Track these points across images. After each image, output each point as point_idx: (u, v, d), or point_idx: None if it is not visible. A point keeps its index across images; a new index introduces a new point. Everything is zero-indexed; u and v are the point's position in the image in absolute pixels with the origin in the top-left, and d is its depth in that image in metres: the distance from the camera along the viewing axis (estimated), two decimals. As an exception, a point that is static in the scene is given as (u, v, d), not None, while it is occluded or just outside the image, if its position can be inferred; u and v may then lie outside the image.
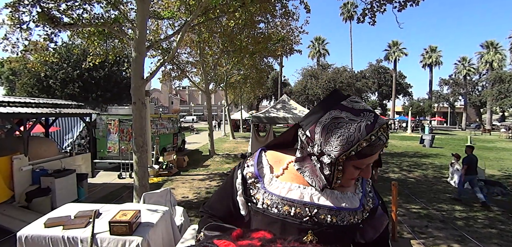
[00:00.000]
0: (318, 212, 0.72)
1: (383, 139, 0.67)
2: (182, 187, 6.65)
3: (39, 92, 18.29)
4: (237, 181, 0.81)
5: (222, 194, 0.87)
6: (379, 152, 0.70)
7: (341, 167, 0.67)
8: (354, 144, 0.64)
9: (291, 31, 11.47)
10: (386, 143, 0.69)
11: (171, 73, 12.30)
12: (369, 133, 0.64)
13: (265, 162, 0.81)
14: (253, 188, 0.78)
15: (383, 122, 0.66)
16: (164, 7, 7.53)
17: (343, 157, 0.66)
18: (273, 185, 0.76)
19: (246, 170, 0.81)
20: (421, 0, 4.66)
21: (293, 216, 0.72)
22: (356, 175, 0.71)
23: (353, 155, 0.65)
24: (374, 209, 0.81)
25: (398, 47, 38.61)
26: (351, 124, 0.65)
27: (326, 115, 0.68)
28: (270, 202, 0.74)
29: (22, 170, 4.40)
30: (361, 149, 0.65)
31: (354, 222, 0.75)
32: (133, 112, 4.71)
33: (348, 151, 0.64)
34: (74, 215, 2.65)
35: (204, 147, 14.36)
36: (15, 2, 4.59)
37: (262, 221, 0.75)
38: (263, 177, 0.78)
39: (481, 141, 19.70)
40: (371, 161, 0.70)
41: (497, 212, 5.08)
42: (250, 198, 0.78)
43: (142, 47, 4.70)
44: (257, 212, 0.76)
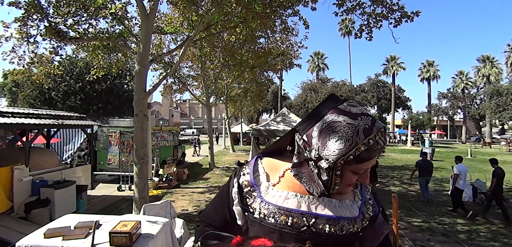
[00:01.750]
0: (316, 221, 0.70)
1: (381, 143, 0.66)
2: (182, 200, 6.60)
3: (41, 104, 18.43)
4: (233, 190, 0.79)
5: (218, 204, 0.84)
6: (377, 157, 0.69)
7: (339, 172, 0.66)
8: (352, 148, 0.63)
9: (290, 46, 11.74)
10: (384, 148, 0.69)
11: (172, 86, 12.48)
12: (367, 137, 0.63)
13: (261, 170, 0.79)
14: (249, 197, 0.76)
15: (381, 126, 0.65)
16: (167, 23, 7.76)
17: (341, 162, 0.64)
18: (269, 194, 0.74)
19: (242, 178, 0.79)
20: (415, 16, 4.83)
21: (291, 227, 0.70)
22: (354, 180, 0.69)
23: (352, 159, 0.64)
24: (374, 217, 0.78)
25: (396, 62, 39.24)
26: (349, 128, 0.64)
27: (323, 119, 0.67)
28: (267, 212, 0.72)
29: (22, 181, 4.39)
30: (359, 153, 0.63)
31: (353, 231, 0.72)
32: (135, 124, 4.76)
33: (346, 155, 0.63)
34: (74, 225, 2.64)
35: (204, 160, 14.31)
36: (24, 16, 4.75)
37: (259, 231, 0.73)
38: (260, 185, 0.76)
39: (482, 154, 19.64)
40: (369, 166, 0.68)
41: (500, 225, 5.03)
42: (247, 208, 0.75)
43: (145, 61, 4.82)
44: (254, 222, 0.74)
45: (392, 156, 17.34)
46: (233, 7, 5.90)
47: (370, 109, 40.27)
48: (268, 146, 0.88)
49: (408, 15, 4.92)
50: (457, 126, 43.10)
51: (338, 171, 0.65)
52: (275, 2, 5.81)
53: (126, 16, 5.61)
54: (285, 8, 5.86)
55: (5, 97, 27.09)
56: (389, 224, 0.91)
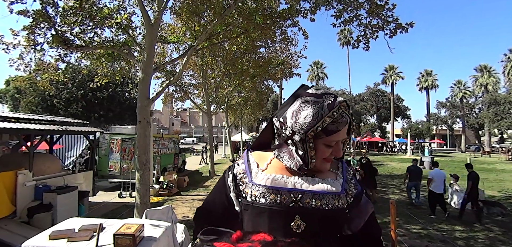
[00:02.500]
0: (302, 197, 0.77)
1: (346, 117, 0.76)
2: (182, 207, 6.62)
3: (42, 111, 18.54)
4: (229, 180, 0.86)
5: (216, 194, 0.90)
6: (345, 130, 0.78)
7: (312, 144, 0.75)
8: (319, 120, 0.73)
9: (290, 55, 11.95)
10: (351, 122, 0.79)
11: (174, 94, 12.63)
12: (330, 110, 0.74)
13: (252, 159, 0.88)
14: (242, 184, 0.83)
15: (342, 100, 0.77)
16: (171, 32, 7.97)
17: (311, 133, 0.74)
18: (259, 177, 0.82)
19: (236, 168, 0.87)
20: (410, 28, 5.01)
21: (279, 204, 0.77)
22: (328, 154, 0.78)
23: (320, 131, 0.74)
24: (358, 195, 0.84)
25: (394, 71, 39.66)
26: (315, 105, 0.75)
27: (294, 102, 0.79)
28: (257, 194, 0.79)
29: (26, 186, 4.45)
30: (326, 125, 0.74)
31: (339, 206, 0.78)
32: (138, 131, 4.86)
33: (314, 126, 0.74)
34: (78, 228, 2.70)
35: (204, 168, 14.33)
36: (32, 25, 4.91)
37: (251, 213, 0.79)
38: (251, 172, 0.84)
39: (481, 163, 19.65)
40: (339, 138, 0.77)
41: (498, 232, 5.06)
42: (240, 193, 0.83)
43: (149, 69, 4.96)
44: (247, 205, 0.80)
45: (392, 164, 17.34)
46: (234, 18, 6.09)
47: (369, 118, 40.50)
48: (255, 140, 0.96)
49: (402, 26, 5.09)
50: (456, 135, 43.20)
51: (311, 143, 0.75)
52: (275, 14, 6.01)
53: (130, 25, 5.78)
54: (285, 19, 6.04)
55: (7, 103, 27.26)
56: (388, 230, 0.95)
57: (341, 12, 5.28)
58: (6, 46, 5.31)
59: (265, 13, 5.90)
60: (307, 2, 5.49)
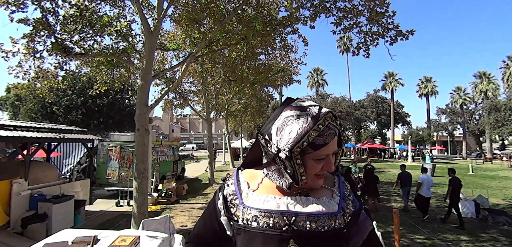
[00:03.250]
0: (296, 220, 0.72)
1: (334, 129, 0.71)
2: (181, 216, 6.50)
3: (42, 118, 18.52)
4: (219, 203, 0.82)
5: (206, 219, 0.86)
6: (335, 143, 0.72)
7: (300, 161, 0.70)
8: (304, 135, 0.68)
9: (290, 62, 11.98)
10: (340, 133, 0.74)
11: (173, 101, 12.61)
12: (315, 123, 0.69)
13: (242, 179, 0.84)
14: (232, 206, 0.79)
15: (327, 111, 0.72)
16: (170, 40, 7.98)
17: (297, 149, 0.69)
18: (249, 199, 0.78)
19: (226, 190, 0.82)
20: (410, 35, 5.00)
21: (272, 228, 0.72)
22: (319, 169, 0.73)
23: (307, 147, 0.69)
24: (356, 213, 0.78)
25: (394, 78, 39.81)
26: (300, 118, 0.70)
27: (279, 117, 0.74)
28: (249, 217, 0.75)
29: (21, 195, 4.36)
30: (312, 139, 0.69)
31: (336, 227, 0.73)
32: (136, 138, 4.79)
33: (299, 142, 0.68)
34: (72, 240, 2.61)
35: (203, 175, 14.20)
36: (32, 33, 4.90)
37: (244, 237, 0.75)
38: (241, 193, 0.80)
39: (483, 170, 19.49)
40: (328, 151, 0.72)
41: (505, 242, 4.94)
42: (232, 216, 0.78)
43: (148, 76, 4.93)
44: (239, 229, 0.76)
45: (393, 171, 17.20)
46: (234, 25, 6.10)
47: (369, 124, 40.43)
48: (245, 158, 0.92)
49: (403, 34, 5.08)
50: (457, 141, 43.06)
51: (298, 160, 0.70)
52: (275, 21, 6.02)
53: (130, 33, 5.78)
54: (284, 26, 6.05)
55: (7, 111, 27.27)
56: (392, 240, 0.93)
57: (341, 19, 5.28)
58: (5, 53, 5.30)
59: (265, 20, 5.91)
60: (307, 10, 5.50)
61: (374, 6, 4.96)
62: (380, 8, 4.95)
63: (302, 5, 5.47)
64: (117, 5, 5.94)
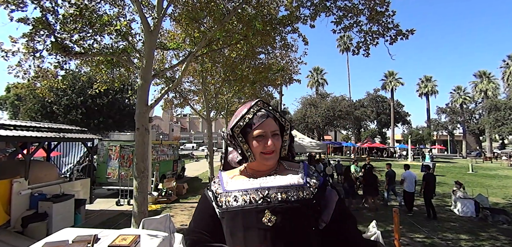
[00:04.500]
0: (268, 193, 0.85)
1: (265, 111, 0.89)
2: (181, 215, 6.51)
3: (42, 118, 18.50)
4: (209, 194, 0.95)
5: (201, 210, 0.98)
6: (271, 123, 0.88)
7: (241, 138, 0.89)
8: (240, 118, 0.89)
9: (290, 61, 11.96)
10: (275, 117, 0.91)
11: (173, 100, 12.60)
12: (249, 108, 0.89)
13: (224, 175, 0.99)
14: (218, 195, 0.92)
15: (259, 99, 0.93)
16: (170, 39, 7.97)
17: (236, 130, 0.89)
18: (229, 185, 0.93)
19: (213, 186, 0.96)
20: (410, 34, 4.99)
21: (249, 203, 0.84)
22: (261, 147, 0.87)
23: (246, 126, 0.88)
24: (322, 185, 0.90)
25: (394, 77, 39.78)
26: (240, 109, 0.92)
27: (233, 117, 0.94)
28: (230, 199, 0.88)
29: (21, 194, 4.36)
30: (248, 121, 0.88)
31: (304, 197, 0.84)
32: (136, 138, 4.78)
33: (237, 123, 0.89)
34: (72, 239, 2.61)
35: (203, 174, 14.21)
36: (32, 32, 4.89)
37: (228, 218, 0.87)
38: (223, 183, 0.95)
39: (483, 169, 19.51)
40: (264, 129, 0.87)
41: (504, 241, 4.95)
42: (218, 204, 0.91)
43: (148, 76, 4.92)
44: (224, 212, 0.88)
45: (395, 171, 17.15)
46: (234, 25, 6.09)
47: (369, 123, 40.43)
48: (224, 161, 1.08)
49: (403, 33, 5.07)
50: (457, 140, 43.07)
51: (240, 138, 0.90)
52: (275, 20, 6.01)
53: (130, 32, 5.77)
54: (284, 26, 6.04)
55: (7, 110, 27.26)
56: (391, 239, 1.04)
57: (341, 18, 5.27)
58: (5, 53, 5.29)
59: (265, 19, 5.90)
60: (307, 9, 5.50)
61: (374, 5, 4.95)
62: (380, 7, 4.94)
63: (302, 4, 5.46)
64: (117, 4, 5.93)
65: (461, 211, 6.75)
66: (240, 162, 0.92)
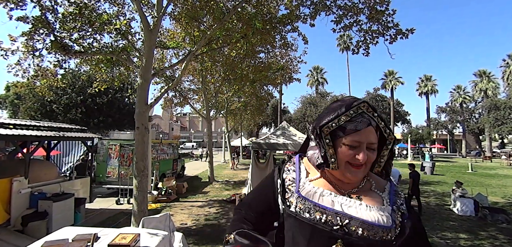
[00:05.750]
0: (349, 223, 0.72)
1: (367, 118, 0.75)
2: (181, 214, 6.52)
3: (42, 116, 18.49)
4: (278, 182, 0.85)
5: (261, 193, 0.90)
6: (370, 133, 0.74)
7: (329, 141, 0.76)
8: (335, 117, 0.75)
9: (290, 60, 11.96)
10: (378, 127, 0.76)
11: (173, 99, 12.59)
12: (347, 109, 0.75)
13: (303, 167, 0.87)
14: (288, 191, 0.82)
15: (362, 100, 0.77)
16: (170, 38, 7.96)
17: (327, 129, 0.76)
18: (305, 188, 0.80)
19: (286, 174, 0.85)
20: (410, 34, 4.99)
21: (324, 223, 0.73)
22: (350, 156, 0.74)
23: (338, 130, 0.75)
24: (404, 225, 0.76)
25: (394, 76, 39.75)
26: (337, 105, 0.78)
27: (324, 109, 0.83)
28: (302, 206, 0.77)
29: (21, 193, 4.37)
30: (343, 123, 0.75)
31: (387, 239, 0.72)
32: (136, 137, 4.79)
33: (329, 123, 0.75)
34: (72, 238, 2.62)
35: (203, 173, 14.22)
36: (31, 31, 4.88)
37: (294, 224, 0.78)
38: (299, 180, 0.83)
39: (483, 168, 19.54)
40: (360, 138, 0.74)
41: (503, 240, 4.96)
42: (285, 200, 0.81)
43: (147, 75, 4.92)
44: (290, 215, 0.79)
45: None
46: (234, 23, 6.08)
47: (369, 123, 40.25)
48: (301, 149, 0.95)
49: (403, 33, 5.07)
50: (457, 140, 43.08)
51: (327, 140, 0.76)
52: (275, 19, 6.00)
53: (130, 31, 5.77)
54: (284, 25, 6.04)
55: (7, 109, 27.25)
56: None
57: (341, 17, 5.27)
58: (4, 52, 5.28)
59: (265, 18, 5.89)
60: (307, 8, 5.49)
61: (374, 4, 4.95)
62: (380, 6, 4.94)
63: (302, 3, 5.46)
64: (117, 3, 5.92)
65: (460, 210, 6.76)
66: (319, 165, 0.79)
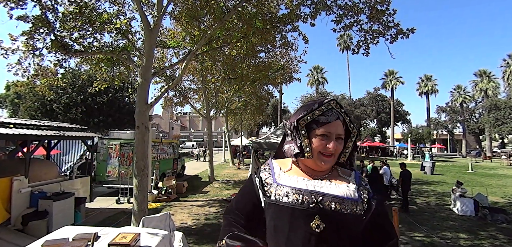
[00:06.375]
0: (323, 199, 0.82)
1: (336, 112, 0.87)
2: (181, 213, 6.52)
3: (42, 116, 18.49)
4: (256, 180, 0.95)
5: (244, 192, 0.99)
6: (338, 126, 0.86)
7: (305, 132, 0.87)
8: (309, 112, 0.87)
9: (290, 60, 11.96)
10: (345, 121, 0.89)
11: (173, 99, 12.59)
12: (320, 105, 0.87)
13: (275, 164, 0.98)
14: (266, 185, 0.91)
15: (332, 98, 0.90)
16: (170, 37, 7.96)
17: (302, 122, 0.87)
18: (282, 178, 0.91)
19: (262, 173, 0.95)
20: (411, 33, 4.98)
21: (301, 204, 0.82)
22: (322, 146, 0.85)
23: (312, 123, 0.86)
24: (371, 199, 0.89)
25: (394, 76, 39.73)
26: (312, 103, 0.90)
27: (300, 107, 0.94)
28: (281, 193, 0.86)
29: (21, 192, 4.37)
30: (316, 117, 0.86)
31: (357, 212, 0.83)
32: (136, 136, 4.79)
33: (304, 116, 0.87)
34: (72, 237, 2.62)
35: (203, 173, 14.23)
36: (32, 30, 4.88)
37: (274, 211, 0.86)
38: (274, 174, 0.94)
39: (483, 168, 19.54)
40: (330, 129, 0.85)
41: (503, 240, 4.96)
42: (265, 193, 0.90)
43: (148, 74, 4.92)
44: (270, 204, 0.87)
45: (392, 169, 17.21)
46: (234, 23, 6.07)
47: (369, 122, 40.42)
48: (277, 151, 1.06)
49: (403, 32, 5.07)
50: (457, 140, 43.08)
51: (303, 131, 0.88)
52: (275, 18, 5.99)
53: (130, 30, 5.77)
54: (285, 24, 6.03)
55: (7, 108, 27.25)
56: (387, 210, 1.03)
57: (342, 17, 5.26)
58: (4, 51, 5.28)
59: (265, 18, 5.89)
60: (307, 7, 5.48)
61: (375, 4, 4.94)
62: (381, 6, 4.94)
63: (303, 2, 5.45)
64: (117, 2, 5.92)
65: (460, 210, 6.76)
66: (296, 155, 0.89)
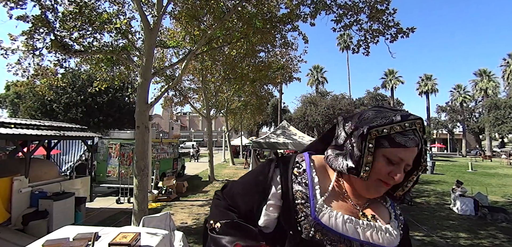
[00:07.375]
0: None
1: (418, 136, 0.65)
2: (181, 213, 6.53)
3: (42, 116, 18.49)
4: (277, 178, 0.72)
5: (248, 191, 0.76)
6: (413, 154, 0.66)
7: (372, 146, 0.65)
8: (388, 123, 0.64)
9: (290, 60, 11.96)
10: (422, 149, 0.67)
11: (173, 99, 12.60)
12: (403, 119, 0.64)
13: (313, 172, 0.73)
14: (300, 212, 0.67)
15: (419, 117, 0.67)
16: (170, 37, 7.96)
17: (375, 133, 0.64)
18: (323, 212, 0.67)
19: (296, 187, 0.70)
20: (411, 33, 4.98)
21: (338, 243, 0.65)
22: (386, 172, 0.66)
23: (385, 139, 0.64)
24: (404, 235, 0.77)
25: (394, 76, 39.74)
26: (388, 111, 0.68)
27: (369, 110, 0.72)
28: (322, 237, 0.66)
29: (21, 192, 4.37)
30: (393, 134, 0.64)
31: None
32: (136, 136, 4.79)
33: (381, 126, 0.64)
34: (73, 237, 2.62)
35: (203, 173, 14.23)
36: (31, 30, 4.88)
37: (301, 244, 0.66)
38: (315, 196, 0.69)
39: (483, 167, 19.55)
40: (403, 156, 0.65)
41: (503, 239, 4.96)
42: (295, 224, 0.67)
43: (147, 74, 4.92)
44: (303, 240, 0.66)
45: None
46: (234, 23, 6.07)
47: (369, 122, 40.30)
48: (314, 145, 0.84)
49: (403, 31, 5.07)
50: (457, 139, 43.10)
51: (370, 144, 0.65)
52: (275, 18, 5.99)
53: (130, 30, 5.77)
54: (284, 24, 6.03)
55: (7, 108, 27.25)
56: None
57: (342, 16, 5.26)
58: (4, 51, 5.28)
59: (265, 17, 5.89)
60: (307, 7, 5.48)
61: (375, 3, 4.94)
62: (381, 5, 4.94)
63: (303, 2, 5.45)
64: (117, 2, 5.92)
65: (460, 210, 6.77)
66: (349, 170, 0.68)
